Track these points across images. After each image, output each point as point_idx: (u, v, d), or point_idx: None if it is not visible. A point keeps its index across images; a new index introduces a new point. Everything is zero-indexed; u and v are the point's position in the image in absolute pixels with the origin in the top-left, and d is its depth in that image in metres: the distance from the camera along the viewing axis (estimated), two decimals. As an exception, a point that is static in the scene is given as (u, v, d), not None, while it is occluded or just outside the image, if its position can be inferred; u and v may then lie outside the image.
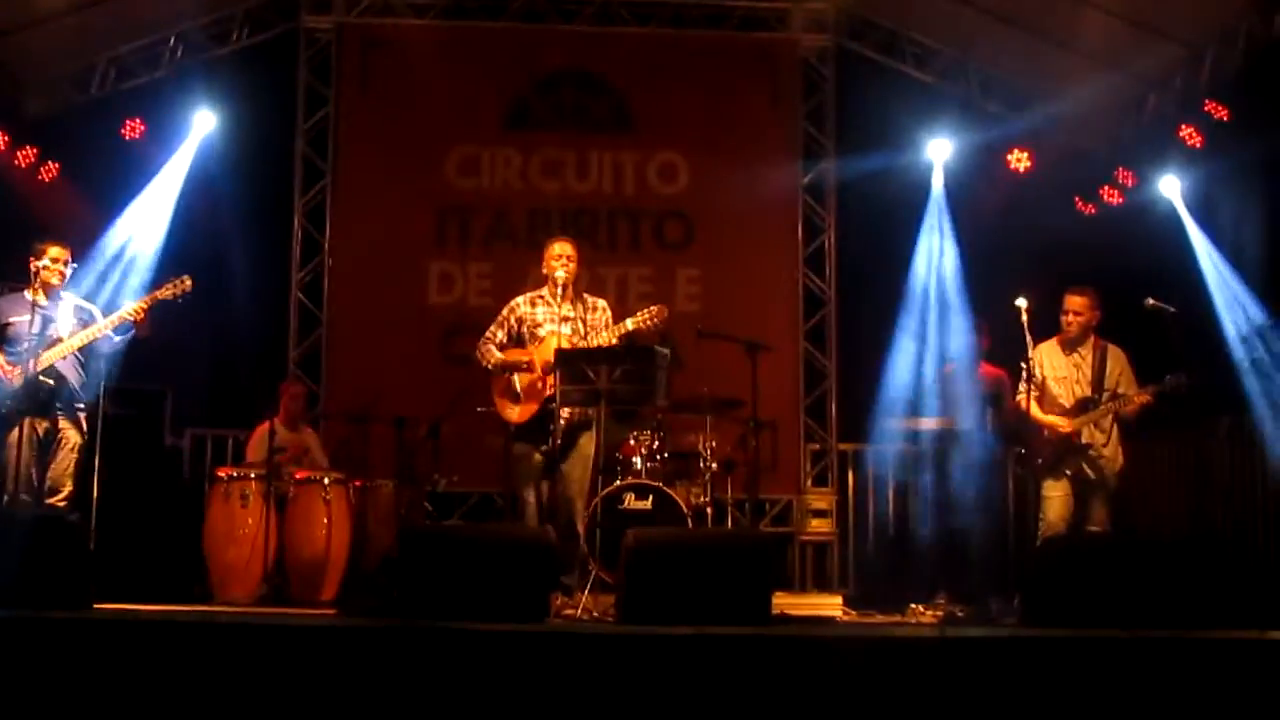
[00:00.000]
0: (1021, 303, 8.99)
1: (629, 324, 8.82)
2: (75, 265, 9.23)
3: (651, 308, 8.89)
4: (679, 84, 13.15)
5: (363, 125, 13.04)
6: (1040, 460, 9.23)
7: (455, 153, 13.02)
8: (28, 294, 8.94)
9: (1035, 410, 9.14)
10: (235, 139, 11.87)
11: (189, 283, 9.07)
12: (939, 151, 12.13)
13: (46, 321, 8.82)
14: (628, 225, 13.06)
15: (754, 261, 13.02)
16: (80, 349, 8.94)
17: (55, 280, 9.04)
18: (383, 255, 12.81)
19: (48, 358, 8.79)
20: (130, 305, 8.97)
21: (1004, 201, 12.28)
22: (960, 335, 10.87)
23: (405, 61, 12.94)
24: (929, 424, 10.47)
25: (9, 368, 8.70)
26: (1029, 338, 9.00)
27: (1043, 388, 9.24)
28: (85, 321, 9.06)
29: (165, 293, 9.03)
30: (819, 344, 13.04)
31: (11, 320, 8.84)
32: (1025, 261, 11.15)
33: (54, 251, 9.06)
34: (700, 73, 13.15)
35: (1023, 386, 9.09)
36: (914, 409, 10.66)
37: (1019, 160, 12.38)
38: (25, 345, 8.70)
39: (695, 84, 13.13)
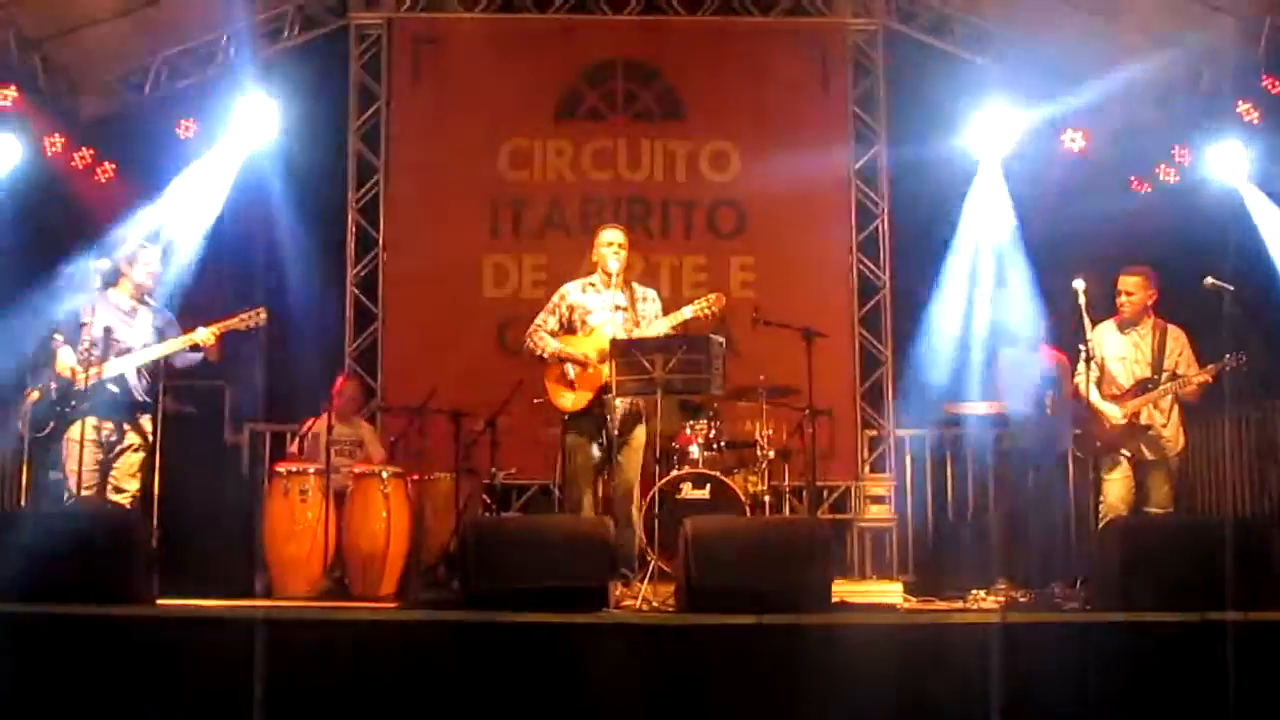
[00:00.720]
0: (1079, 285, 8.88)
1: (686, 312, 8.78)
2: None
3: (709, 295, 8.87)
4: (728, 71, 13.12)
5: (414, 120, 13.05)
6: (1099, 443, 9.14)
7: (507, 145, 13.03)
8: (112, 295, 9.03)
9: (1094, 396, 9.03)
10: (288, 136, 11.91)
11: (264, 315, 9.24)
12: (991, 132, 12.04)
13: (119, 325, 8.89)
14: (680, 214, 13.03)
15: (807, 248, 12.95)
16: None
17: (148, 282, 9.13)
18: (437, 249, 12.83)
19: (117, 365, 8.85)
20: (204, 331, 9.06)
21: (1059, 182, 12.16)
22: (1017, 318, 10.79)
23: (455, 56, 12.98)
24: (987, 409, 10.39)
25: (77, 370, 8.74)
26: (1086, 320, 8.90)
27: (1101, 369, 9.14)
28: (160, 330, 9.13)
29: (239, 323, 9.18)
30: (874, 330, 12.96)
31: (85, 321, 8.89)
32: (1082, 242, 11.04)
33: (145, 255, 9.14)
34: (749, 60, 13.10)
35: (1081, 369, 9.00)
36: (971, 393, 10.58)
37: (1073, 140, 12.26)
38: (94, 347, 8.74)
39: (744, 71, 13.09)
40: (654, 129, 13.14)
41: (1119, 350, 9.19)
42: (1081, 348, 8.94)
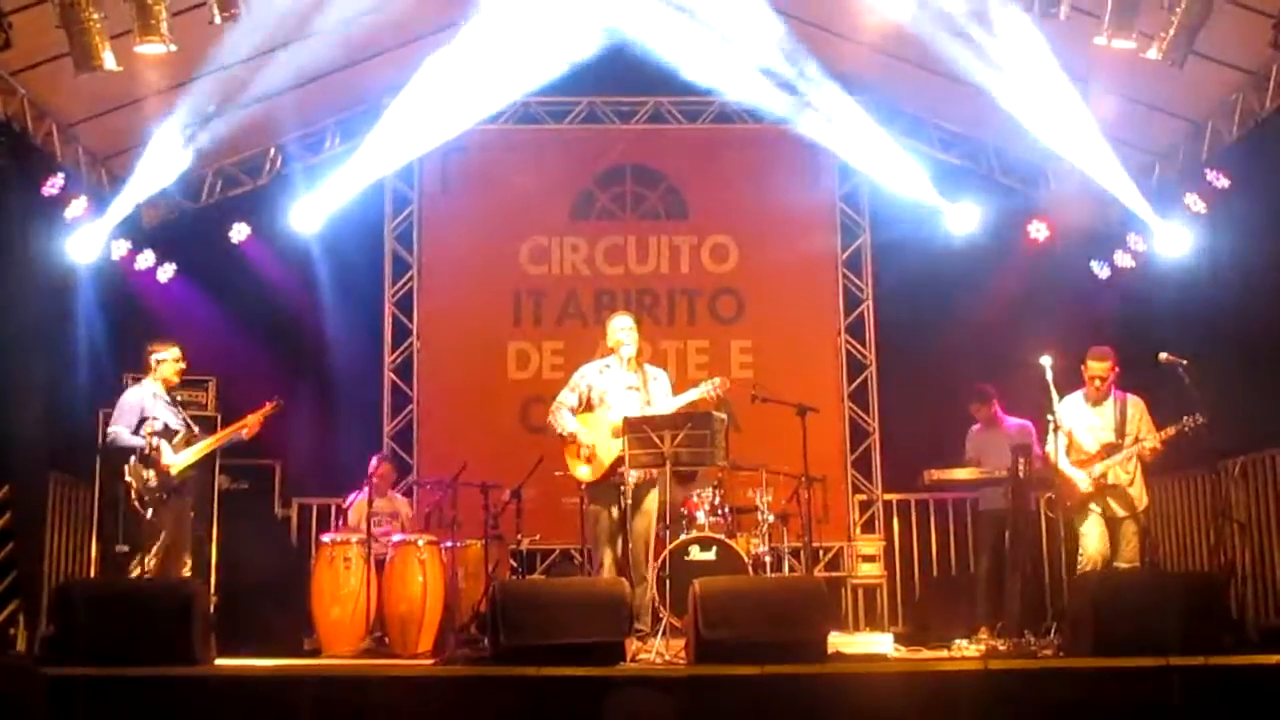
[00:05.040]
0: (1046, 361, 8.93)
1: (694, 394, 8.82)
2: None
3: (714, 379, 8.89)
4: (726, 173, 13.22)
5: (444, 221, 13.17)
6: (1070, 504, 9.13)
7: (527, 243, 13.12)
8: (154, 387, 9.12)
9: (1063, 463, 9.03)
10: (329, 238, 12.05)
11: (281, 402, 9.52)
12: (964, 225, 12.17)
13: (176, 414, 9.07)
14: (685, 302, 13.10)
15: (800, 331, 13.03)
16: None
17: (175, 379, 9.25)
18: (466, 337, 12.92)
19: (192, 455, 9.00)
20: (251, 419, 9.32)
21: (1025, 266, 12.25)
22: (989, 391, 10.84)
23: (480, 163, 13.12)
24: (966, 475, 10.39)
25: (173, 465, 8.88)
26: (1054, 393, 8.93)
27: (1069, 437, 9.13)
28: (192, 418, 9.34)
29: (271, 410, 9.42)
30: (862, 404, 13.01)
31: (152, 415, 8.98)
32: (1047, 321, 11.10)
33: (175, 352, 9.25)
34: (744, 162, 13.20)
35: (1050, 438, 9.02)
36: (952, 461, 10.60)
37: (1038, 230, 12.38)
38: (176, 437, 8.97)
39: (741, 173, 13.19)
40: (660, 226, 13.24)
41: (1087, 420, 9.17)
42: (1050, 418, 8.97)
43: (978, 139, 12.89)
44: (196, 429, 9.30)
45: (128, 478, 8.78)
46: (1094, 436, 9.15)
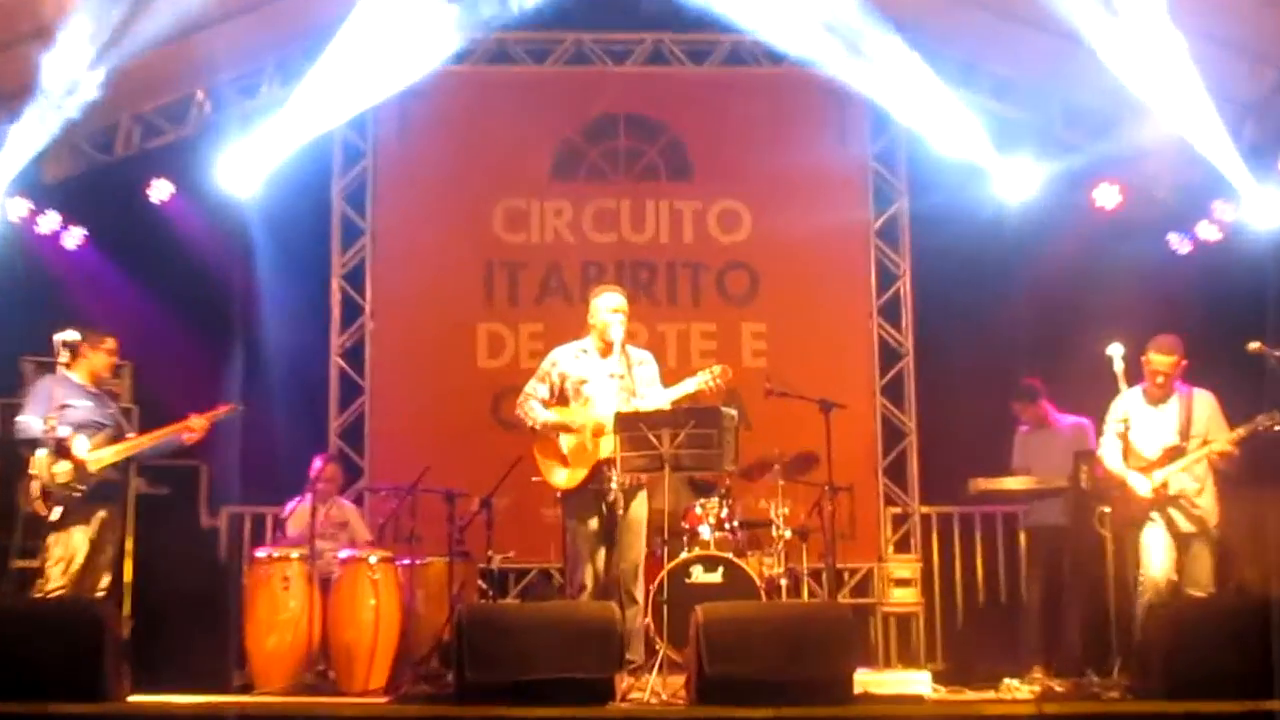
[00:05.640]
0: (1116, 350, 8.89)
1: (690, 385, 8.74)
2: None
3: (714, 367, 8.79)
4: (739, 125, 13.21)
5: (403, 179, 13.16)
6: (1127, 516, 9.10)
7: (501, 205, 13.11)
8: (68, 373, 9.13)
9: (1117, 465, 9.03)
10: (267, 196, 12.01)
11: (239, 407, 9.70)
12: (1019, 188, 12.12)
13: (101, 408, 9.17)
14: (688, 278, 13.09)
15: (824, 313, 13.03)
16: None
17: (105, 372, 9.33)
18: (428, 317, 12.92)
19: (114, 453, 9.03)
20: (195, 421, 9.36)
21: (1091, 238, 12.20)
22: (1036, 387, 10.81)
23: (445, 111, 13.11)
24: (1017, 484, 10.41)
25: (89, 460, 8.88)
26: (1124, 387, 8.91)
27: (1125, 441, 9.10)
28: (122, 413, 9.35)
29: (221, 414, 9.54)
30: (897, 400, 13.02)
31: (69, 403, 8.98)
32: (1116, 303, 11.08)
33: (110, 344, 9.32)
34: (761, 112, 13.18)
35: (1104, 439, 9.04)
36: (1002, 468, 10.62)
37: (1107, 195, 12.26)
38: (97, 433, 8.98)
39: (756, 124, 13.17)
40: (659, 187, 13.23)
41: (1145, 421, 9.14)
42: (1120, 421, 8.96)
43: (1037, 86, 12.81)
44: (130, 432, 9.35)
45: (33, 470, 8.78)
46: (1154, 440, 9.13)
